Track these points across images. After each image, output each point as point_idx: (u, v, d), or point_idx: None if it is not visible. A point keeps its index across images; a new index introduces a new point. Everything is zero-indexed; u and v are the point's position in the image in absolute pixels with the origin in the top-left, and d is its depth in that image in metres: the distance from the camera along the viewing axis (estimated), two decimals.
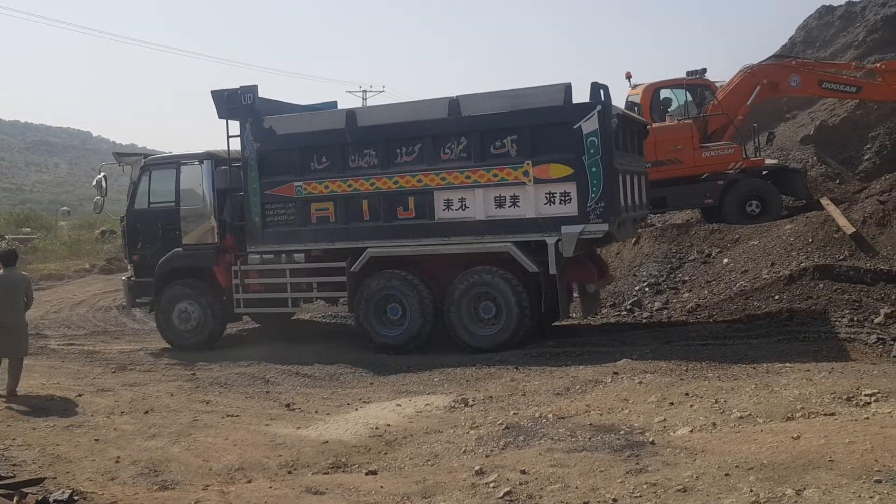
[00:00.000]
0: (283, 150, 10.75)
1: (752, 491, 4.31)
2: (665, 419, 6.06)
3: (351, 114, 10.43)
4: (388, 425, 6.75)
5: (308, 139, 10.61)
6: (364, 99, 54.96)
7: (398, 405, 7.53)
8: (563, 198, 9.43)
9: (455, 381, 8.55)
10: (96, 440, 6.79)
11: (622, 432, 5.80)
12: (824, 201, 13.75)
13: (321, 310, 12.85)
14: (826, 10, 21.26)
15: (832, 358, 7.68)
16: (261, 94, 10.98)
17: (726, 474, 4.59)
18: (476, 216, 9.81)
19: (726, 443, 5.22)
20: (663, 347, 8.97)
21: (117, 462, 6.14)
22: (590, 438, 5.72)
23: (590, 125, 9.18)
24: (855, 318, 9.31)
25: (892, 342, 8.20)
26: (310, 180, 10.54)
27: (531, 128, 9.50)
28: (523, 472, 5.06)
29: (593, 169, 9.20)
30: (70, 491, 5.16)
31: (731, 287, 11.48)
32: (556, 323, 11.04)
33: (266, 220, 10.84)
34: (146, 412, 7.76)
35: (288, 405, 7.91)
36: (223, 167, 11.45)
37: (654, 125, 13.87)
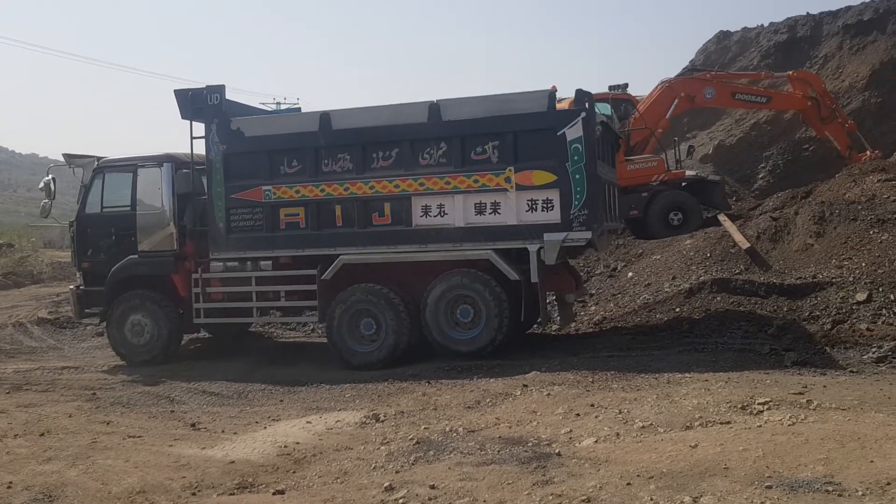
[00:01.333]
0: (252, 153, 10.30)
1: (651, 499, 4.46)
2: (571, 430, 6.20)
3: (325, 116, 10.06)
4: (297, 443, 6.66)
5: (279, 142, 10.22)
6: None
7: (308, 422, 7.43)
8: (545, 205, 9.29)
9: (367, 397, 8.51)
10: None
11: (530, 444, 5.90)
12: (721, 218, 14.38)
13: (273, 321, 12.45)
14: (724, 35, 22.31)
15: (729, 368, 8.00)
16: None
17: (628, 484, 4.73)
18: (455, 223, 9.59)
19: (629, 452, 5.38)
20: (571, 360, 9.16)
21: (9, 488, 5.84)
22: (499, 451, 5.80)
23: (574, 132, 9.10)
24: (750, 330, 9.73)
25: (783, 352, 8.62)
26: (279, 184, 10.13)
27: (514, 133, 9.36)
28: (432, 486, 5.09)
29: (577, 176, 9.12)
30: None
31: (635, 300, 11.85)
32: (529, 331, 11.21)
33: (231, 226, 10.35)
34: (42, 434, 7.40)
35: (193, 425, 7.69)
36: (184, 170, 10.92)
37: None
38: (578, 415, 6.68)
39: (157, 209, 10.88)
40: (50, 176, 11.66)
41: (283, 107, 52.97)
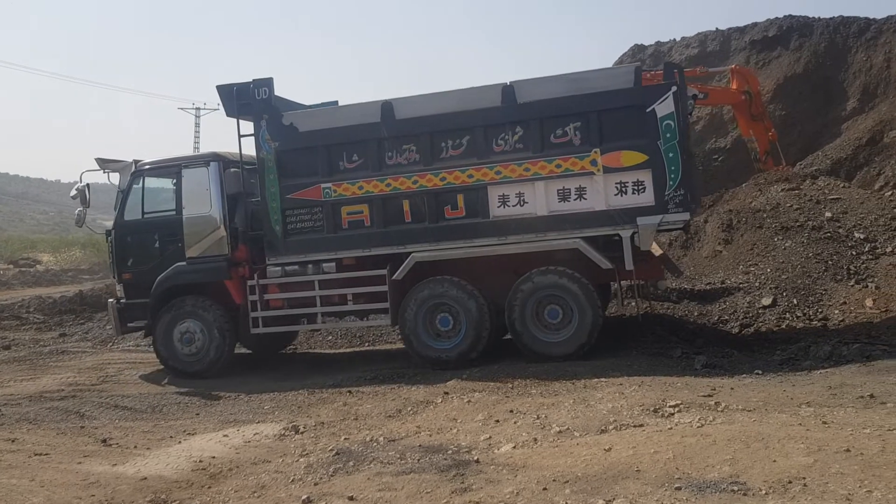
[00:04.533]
0: (308, 149, 9.68)
1: (567, 503, 4.55)
2: (490, 437, 6.27)
3: (387, 105, 9.43)
4: (213, 457, 6.52)
5: (337, 135, 9.59)
6: (197, 116, 53.27)
7: (225, 436, 7.29)
8: (636, 187, 8.75)
9: (286, 408, 8.40)
10: None
11: (450, 452, 5.94)
12: None
13: None
14: (638, 49, 22.91)
15: (642, 372, 8.22)
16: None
17: (544, 488, 4.81)
18: (537, 212, 9.02)
19: (545, 457, 5.48)
20: (492, 366, 9.26)
21: None
22: (419, 460, 5.81)
23: (665, 108, 8.57)
24: (662, 334, 10.03)
25: (694, 356, 8.93)
26: (340, 181, 9.55)
27: (597, 113, 8.80)
28: (351, 498, 5.06)
29: (670, 154, 8.57)
30: None
31: None
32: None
33: (288, 228, 9.75)
34: None
35: (104, 440, 7.43)
36: (233, 169, 10.24)
37: None
38: (498, 421, 6.75)
39: (205, 212, 10.16)
40: (84, 182, 10.76)
41: (201, 112, 51.80)
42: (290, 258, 9.88)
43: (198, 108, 53.56)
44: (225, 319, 10.19)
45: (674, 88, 8.63)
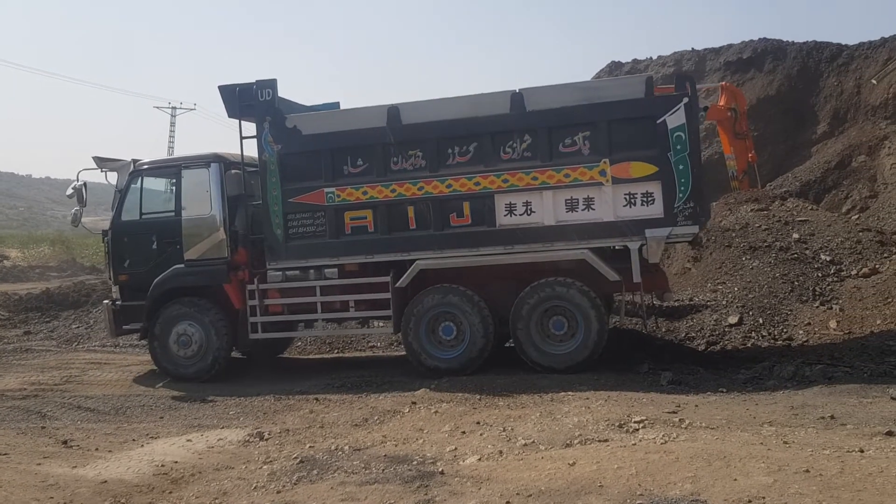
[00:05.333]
0: (311, 153, 9.53)
1: None
2: (456, 448, 6.27)
3: (394, 110, 9.31)
4: (176, 462, 6.46)
5: (342, 139, 9.47)
6: (173, 115, 52.84)
7: (188, 440, 7.22)
8: (645, 199, 8.68)
9: (252, 414, 8.34)
10: None
11: (415, 462, 5.93)
12: None
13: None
14: (615, 66, 23.16)
15: (609, 387, 8.26)
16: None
17: (507, 502, 4.83)
18: (544, 221, 8.93)
19: (510, 470, 5.49)
20: (460, 377, 9.25)
21: None
22: (383, 470, 5.80)
23: (676, 119, 8.50)
24: (631, 349, 10.11)
25: (660, 372, 9.00)
26: (344, 186, 9.42)
27: (607, 123, 8.72)
28: None
29: (680, 167, 8.51)
30: None
31: None
32: None
33: (289, 233, 9.60)
34: None
35: (65, 442, 7.32)
36: (235, 171, 10.10)
37: None
38: (464, 432, 6.76)
39: (205, 213, 10.03)
40: (81, 181, 10.54)
41: (177, 111, 51.38)
42: (291, 263, 9.75)
43: (174, 108, 53.05)
44: (223, 322, 10.05)
45: (685, 100, 8.59)
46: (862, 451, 5.38)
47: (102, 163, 10.68)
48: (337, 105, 10.43)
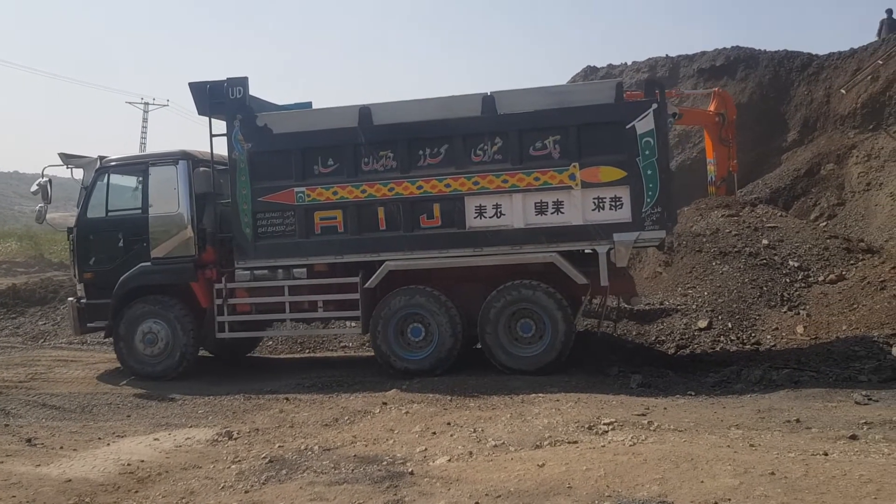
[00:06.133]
0: (282, 152, 9.49)
1: None
2: (426, 449, 6.27)
3: (365, 110, 9.31)
4: (142, 461, 6.38)
5: (313, 139, 9.43)
6: (145, 111, 52.23)
7: (156, 439, 7.14)
8: (613, 203, 8.78)
9: (221, 413, 8.27)
10: None
11: (385, 463, 5.92)
12: None
13: None
14: (590, 70, 23.31)
15: (579, 389, 8.31)
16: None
17: (477, 502, 4.84)
18: (514, 224, 8.99)
19: (479, 471, 5.50)
20: (432, 378, 9.26)
21: None
22: (353, 470, 5.78)
23: (645, 125, 8.60)
24: (601, 352, 10.17)
25: (630, 374, 9.07)
26: (314, 185, 9.39)
27: (577, 127, 8.79)
28: None
29: (649, 172, 8.62)
30: None
31: None
32: None
33: (258, 232, 9.56)
34: None
35: (29, 440, 7.19)
36: (203, 169, 10.03)
37: None
38: (434, 433, 6.76)
39: (172, 211, 9.95)
40: (46, 177, 10.37)
41: (150, 107, 50.78)
42: (259, 262, 9.72)
43: (146, 104, 52.40)
44: (189, 320, 9.98)
45: (654, 106, 8.69)
46: (826, 455, 5.47)
47: (68, 159, 10.57)
48: (309, 105, 10.42)
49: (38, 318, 14.86)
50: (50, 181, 10.53)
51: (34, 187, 10.59)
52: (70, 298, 11.07)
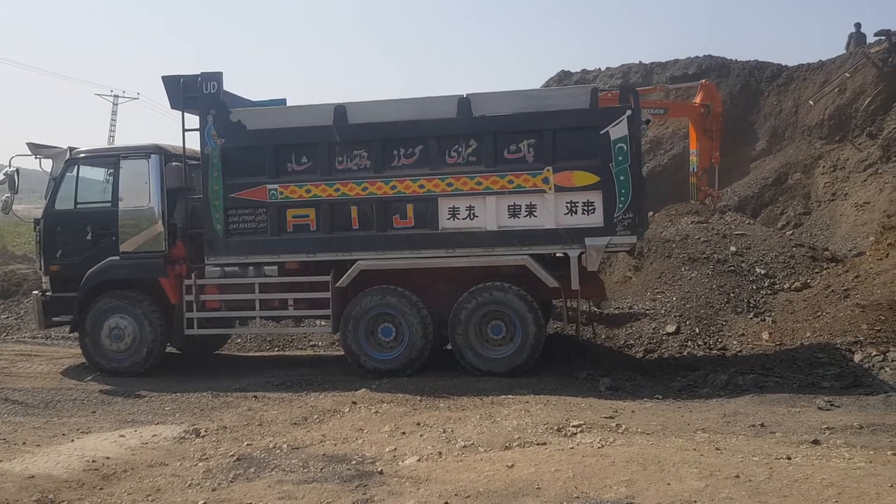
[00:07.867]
0: (255, 149, 9.40)
1: None
2: (396, 448, 6.27)
3: (340, 109, 9.25)
4: (108, 458, 6.30)
5: (287, 136, 9.35)
6: (115, 104, 51.56)
7: (122, 436, 7.06)
8: (586, 207, 8.82)
9: (188, 410, 8.19)
10: None
11: (354, 462, 5.91)
12: None
13: None
14: (565, 75, 23.45)
15: (549, 391, 8.36)
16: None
17: (446, 502, 4.86)
18: (487, 226, 8.99)
19: (449, 471, 5.52)
20: (402, 378, 9.25)
21: None
22: (321, 469, 5.77)
23: (619, 131, 8.67)
24: (571, 355, 10.24)
25: (599, 377, 9.14)
26: (287, 183, 9.31)
27: (552, 132, 8.83)
28: None
29: (621, 177, 8.68)
30: None
31: None
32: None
33: (229, 228, 9.45)
34: None
35: None
36: (175, 163, 9.88)
37: None
38: (404, 433, 6.76)
39: (142, 205, 9.81)
40: (13, 167, 10.19)
41: (120, 100, 50.12)
42: (230, 259, 9.64)
43: (116, 96, 51.74)
44: (157, 316, 9.87)
45: (628, 112, 8.77)
46: (789, 458, 5.57)
47: (37, 149, 10.38)
48: (284, 102, 10.35)
49: (1, 312, 14.59)
50: (17, 171, 10.38)
51: (1, 176, 10.43)
52: (35, 291, 10.89)
